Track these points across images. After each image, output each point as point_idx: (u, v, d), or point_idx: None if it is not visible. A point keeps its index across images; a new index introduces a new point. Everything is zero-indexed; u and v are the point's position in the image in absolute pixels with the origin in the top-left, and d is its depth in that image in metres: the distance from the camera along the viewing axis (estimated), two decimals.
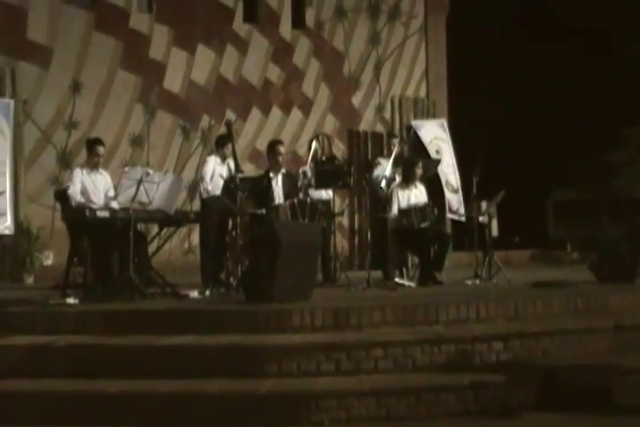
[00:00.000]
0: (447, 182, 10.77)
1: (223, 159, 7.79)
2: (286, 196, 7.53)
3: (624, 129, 12.14)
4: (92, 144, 7.33)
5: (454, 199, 10.71)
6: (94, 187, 7.17)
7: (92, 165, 7.26)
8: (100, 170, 7.31)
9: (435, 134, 11.43)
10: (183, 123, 11.17)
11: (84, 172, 7.21)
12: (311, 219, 7.28)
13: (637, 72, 13.32)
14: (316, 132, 11.21)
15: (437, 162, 9.37)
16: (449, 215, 10.48)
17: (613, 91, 13.49)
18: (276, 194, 7.53)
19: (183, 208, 9.05)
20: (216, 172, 7.71)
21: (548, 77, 14.29)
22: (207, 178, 7.67)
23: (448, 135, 11.66)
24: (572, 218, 12.61)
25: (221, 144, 7.87)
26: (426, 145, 11.11)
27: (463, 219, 10.33)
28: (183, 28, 11.19)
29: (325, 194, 8.37)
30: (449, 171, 10.76)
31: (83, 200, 7.05)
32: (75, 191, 7.07)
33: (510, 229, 10.99)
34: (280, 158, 7.68)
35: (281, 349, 5.18)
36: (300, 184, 7.79)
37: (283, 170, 7.76)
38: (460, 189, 11.03)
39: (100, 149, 7.28)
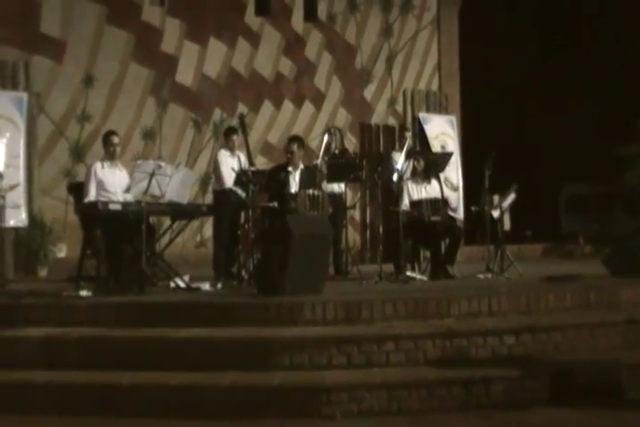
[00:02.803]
0: (446, 180, 10.62)
1: (232, 151, 7.84)
2: (301, 188, 7.54)
3: (638, 121, 12.05)
4: (107, 135, 7.35)
5: (453, 197, 10.61)
6: (112, 182, 7.13)
7: (110, 156, 7.25)
8: (120, 165, 7.32)
9: (442, 130, 11.42)
10: (195, 116, 11.18)
11: (105, 165, 7.21)
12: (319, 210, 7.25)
13: None
14: (328, 126, 11.23)
15: (449, 155, 9.33)
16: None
17: (628, 83, 13.39)
18: (293, 188, 7.54)
19: (195, 201, 9.08)
20: (227, 164, 7.75)
21: (561, 70, 14.20)
22: (225, 175, 7.72)
23: (456, 132, 11.64)
24: (584, 211, 12.54)
25: (227, 135, 7.93)
26: (430, 140, 11.10)
27: (460, 216, 10.25)
28: (195, 22, 11.19)
29: (337, 187, 8.37)
30: (451, 168, 10.55)
31: (97, 199, 7.02)
32: (90, 197, 7.05)
33: (522, 223, 10.95)
34: (288, 155, 7.67)
35: (292, 342, 5.19)
36: (317, 177, 7.81)
37: (301, 165, 7.76)
38: (460, 186, 11.01)
39: (115, 139, 7.29)
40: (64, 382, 5.00)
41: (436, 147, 10.78)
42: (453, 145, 11.27)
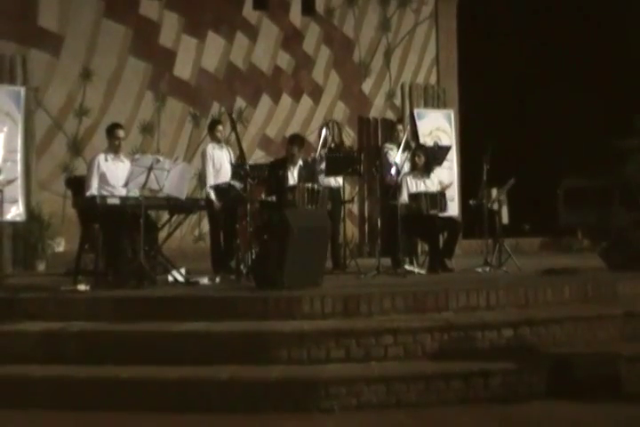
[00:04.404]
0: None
1: (219, 142, 7.88)
2: (299, 182, 7.55)
3: (637, 115, 12.06)
4: (112, 128, 7.29)
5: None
6: (116, 174, 7.08)
7: (114, 149, 7.20)
8: (122, 157, 7.30)
9: (437, 125, 11.41)
10: (193, 110, 11.17)
11: (109, 158, 7.17)
12: (318, 204, 7.27)
13: None
14: (326, 119, 11.22)
15: (447, 149, 9.32)
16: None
17: (627, 76, 13.38)
18: (291, 182, 7.56)
19: (193, 195, 9.08)
20: (216, 159, 7.79)
21: (560, 63, 14.18)
22: (210, 174, 7.76)
23: (453, 127, 11.61)
24: (583, 205, 12.54)
25: (212, 128, 7.98)
26: (423, 136, 11.10)
27: (451, 214, 10.15)
28: (193, 15, 11.17)
29: (334, 181, 8.36)
30: (442, 166, 10.42)
31: (100, 192, 6.98)
32: (93, 190, 7.02)
33: (521, 217, 10.96)
34: (290, 157, 7.70)
35: (291, 335, 5.19)
36: (316, 172, 7.84)
37: (300, 162, 7.77)
38: (455, 182, 10.97)
39: (120, 132, 7.25)
40: (62, 377, 5.00)
41: (428, 143, 10.75)
42: (449, 141, 11.26)
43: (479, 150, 8.22)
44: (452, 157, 11.07)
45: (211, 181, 7.82)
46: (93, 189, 7.01)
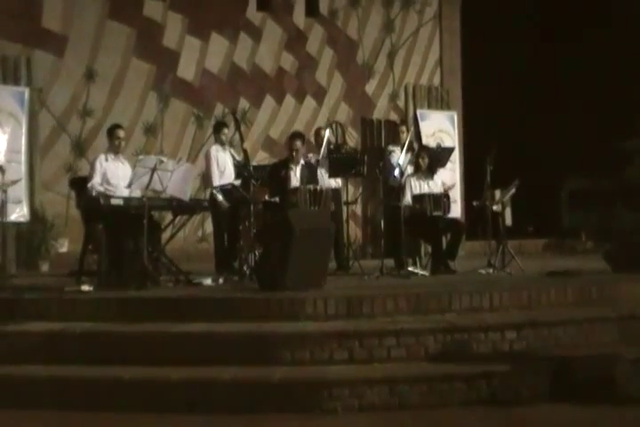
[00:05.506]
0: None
1: (224, 145, 7.89)
2: (302, 183, 7.56)
3: (639, 116, 12.03)
4: (112, 129, 7.36)
5: None
6: (116, 174, 7.13)
7: (115, 149, 7.26)
8: (122, 158, 7.33)
9: (440, 127, 11.40)
10: (197, 111, 11.16)
11: (109, 158, 7.21)
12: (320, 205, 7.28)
13: None
14: (330, 121, 11.22)
15: (450, 150, 9.32)
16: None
17: (630, 77, 13.37)
18: (294, 184, 7.57)
19: (197, 196, 9.08)
20: (220, 160, 7.80)
21: (563, 64, 14.18)
22: (215, 176, 7.76)
23: (456, 129, 11.60)
24: (586, 206, 12.52)
25: (218, 130, 7.97)
26: (426, 137, 11.09)
27: (453, 215, 10.12)
28: (197, 16, 11.16)
29: (334, 182, 8.36)
30: (445, 167, 10.40)
31: (102, 190, 7.02)
32: (94, 183, 7.05)
33: (524, 218, 10.94)
34: (294, 153, 7.70)
35: (294, 337, 5.20)
36: (318, 173, 7.85)
37: (302, 161, 7.78)
38: (457, 184, 10.97)
39: (120, 132, 7.31)
40: (65, 377, 5.01)
41: (431, 145, 10.76)
42: (452, 142, 11.26)
43: (482, 152, 8.21)
44: (455, 159, 11.07)
45: (216, 182, 7.81)
46: (96, 183, 7.02)
